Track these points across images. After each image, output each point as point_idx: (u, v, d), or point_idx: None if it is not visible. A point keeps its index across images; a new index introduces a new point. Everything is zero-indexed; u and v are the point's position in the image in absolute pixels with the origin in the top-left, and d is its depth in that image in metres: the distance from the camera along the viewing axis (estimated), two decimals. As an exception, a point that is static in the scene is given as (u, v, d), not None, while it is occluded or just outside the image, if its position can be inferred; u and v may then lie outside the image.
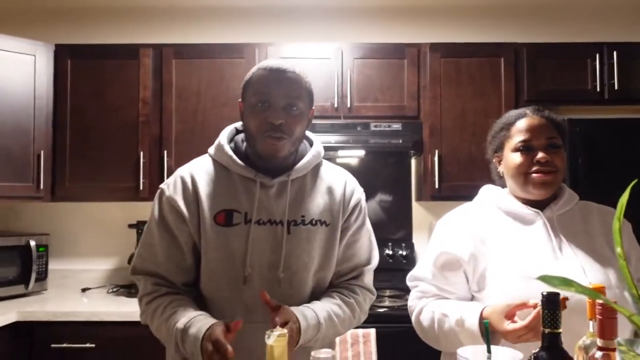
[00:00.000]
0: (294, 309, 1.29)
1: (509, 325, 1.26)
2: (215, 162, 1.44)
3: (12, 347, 2.46)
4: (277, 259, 1.37)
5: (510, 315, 1.28)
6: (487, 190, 1.62)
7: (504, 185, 1.60)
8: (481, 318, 1.33)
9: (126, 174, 2.90)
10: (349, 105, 2.92)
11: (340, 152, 3.14)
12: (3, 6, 3.30)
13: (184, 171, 1.44)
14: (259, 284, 1.35)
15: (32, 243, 2.85)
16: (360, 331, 2.29)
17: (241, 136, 1.47)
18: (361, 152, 3.14)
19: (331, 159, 3.24)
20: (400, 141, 2.85)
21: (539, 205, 1.50)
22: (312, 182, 1.45)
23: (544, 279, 0.63)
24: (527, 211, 1.49)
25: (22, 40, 2.84)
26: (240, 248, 1.35)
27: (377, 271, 2.99)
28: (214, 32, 3.29)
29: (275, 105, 1.33)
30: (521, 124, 1.50)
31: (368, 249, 1.53)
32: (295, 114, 1.35)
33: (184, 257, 1.39)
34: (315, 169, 1.48)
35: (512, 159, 1.50)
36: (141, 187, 2.85)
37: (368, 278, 1.52)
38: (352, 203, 1.48)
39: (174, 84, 2.93)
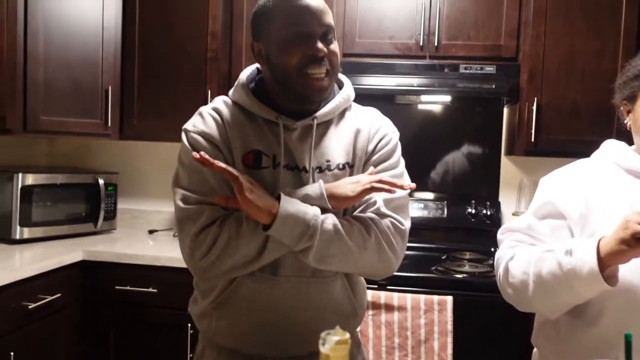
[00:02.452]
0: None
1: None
2: (235, 104, 1.29)
3: (78, 286, 2.45)
4: None
5: None
6: (608, 146, 1.36)
7: (630, 140, 1.33)
8: (598, 249, 1.09)
9: (193, 112, 2.75)
10: (436, 44, 2.59)
11: (423, 97, 2.84)
12: None
13: (208, 109, 1.30)
14: None
15: (101, 181, 2.81)
16: (436, 297, 2.07)
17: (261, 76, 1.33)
18: (447, 98, 2.82)
19: (412, 105, 2.98)
20: (493, 86, 2.50)
21: None
22: (338, 125, 1.31)
23: None
24: None
25: (90, -32, 2.70)
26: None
27: (456, 230, 2.79)
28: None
29: (315, 35, 1.19)
30: None
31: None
32: (333, 44, 1.23)
33: None
34: (342, 113, 1.34)
35: (628, 114, 1.27)
36: (208, 128, 2.70)
37: (391, 206, 1.25)
38: (377, 138, 1.32)
39: (244, 16, 2.70)
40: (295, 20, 1.18)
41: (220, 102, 1.32)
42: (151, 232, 2.98)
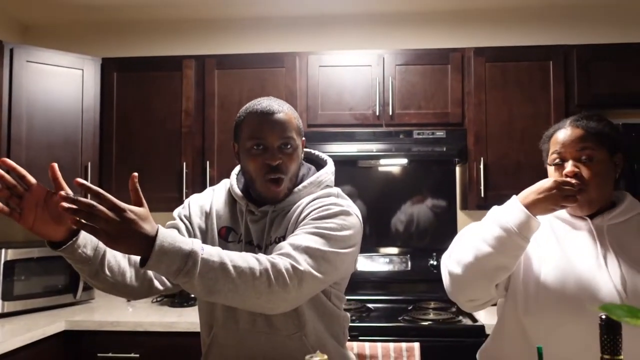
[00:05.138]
0: None
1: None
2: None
3: (61, 356, 2.51)
4: None
5: None
6: None
7: None
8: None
9: (170, 184, 2.94)
10: (390, 113, 2.87)
11: (382, 161, 3.10)
12: (52, 22, 3.41)
13: (213, 187, 1.59)
14: None
15: (80, 252, 2.91)
16: (404, 345, 2.23)
17: None
18: (404, 161, 3.09)
19: (372, 168, 3.23)
20: (444, 149, 2.78)
21: (593, 212, 1.44)
22: (293, 206, 1.45)
23: (607, 308, 0.57)
24: (575, 218, 1.46)
25: (70, 55, 2.92)
26: None
27: (420, 282, 3.00)
28: (255, 42, 3.30)
29: (271, 147, 1.39)
30: (557, 136, 1.47)
31: (304, 236, 1.31)
32: (289, 152, 1.41)
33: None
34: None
35: (549, 172, 1.49)
36: (184, 198, 2.87)
37: (299, 250, 1.25)
38: (308, 209, 1.40)
39: (216, 95, 2.95)
40: (257, 134, 1.39)
41: (222, 185, 1.58)
42: (129, 300, 3.06)
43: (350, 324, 2.42)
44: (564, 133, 1.45)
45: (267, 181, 1.39)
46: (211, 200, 1.52)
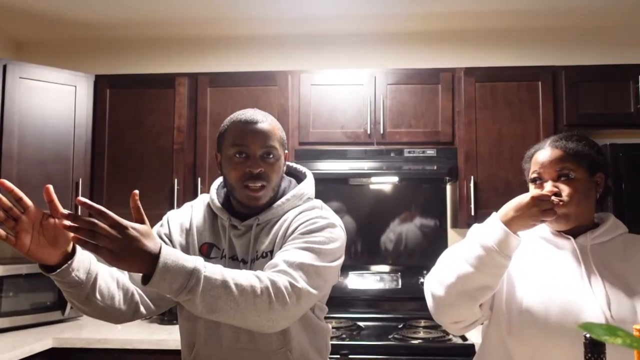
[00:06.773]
0: None
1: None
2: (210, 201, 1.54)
3: (48, 374, 2.48)
4: None
5: None
6: None
7: None
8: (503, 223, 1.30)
9: (161, 201, 2.94)
10: (382, 132, 2.89)
11: (374, 179, 3.11)
12: (46, 39, 3.43)
13: (191, 203, 1.57)
14: None
15: (69, 269, 2.89)
16: (395, 364, 2.23)
17: None
18: (395, 179, 3.10)
19: (364, 186, 3.25)
20: (435, 167, 2.81)
21: (576, 233, 1.46)
22: (278, 222, 1.45)
23: (587, 327, 0.58)
24: (558, 237, 1.47)
25: (63, 72, 2.94)
26: None
27: (411, 300, 3.00)
28: (248, 61, 3.33)
29: (253, 155, 1.41)
30: (537, 156, 1.49)
31: (296, 252, 1.32)
32: (271, 162, 1.42)
33: None
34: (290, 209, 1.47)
35: (530, 190, 1.49)
36: (175, 214, 2.87)
37: (293, 266, 1.26)
38: (298, 221, 1.41)
39: (208, 112, 2.97)
40: (239, 141, 1.40)
41: (200, 200, 1.57)
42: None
43: (341, 342, 2.42)
44: (543, 154, 1.47)
45: (246, 187, 1.40)
46: (190, 216, 1.51)
